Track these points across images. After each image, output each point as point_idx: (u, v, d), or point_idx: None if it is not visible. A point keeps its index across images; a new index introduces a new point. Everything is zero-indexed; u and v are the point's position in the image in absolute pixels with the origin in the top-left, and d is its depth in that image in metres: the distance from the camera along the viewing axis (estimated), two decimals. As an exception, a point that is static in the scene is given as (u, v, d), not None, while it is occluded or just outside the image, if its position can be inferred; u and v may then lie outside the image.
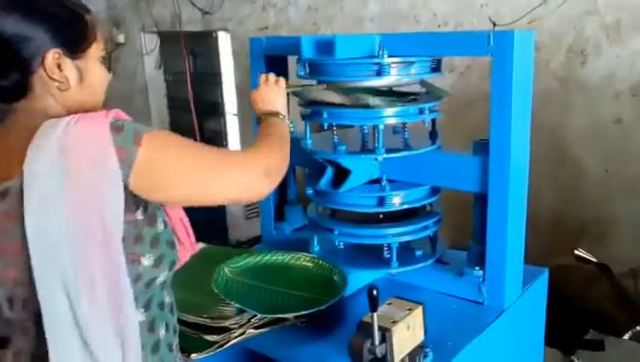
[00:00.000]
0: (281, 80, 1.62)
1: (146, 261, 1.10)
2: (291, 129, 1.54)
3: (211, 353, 1.42)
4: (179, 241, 1.21)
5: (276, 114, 1.53)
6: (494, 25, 3.24)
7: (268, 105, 1.56)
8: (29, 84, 1.12)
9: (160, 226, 1.14)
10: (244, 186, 1.19)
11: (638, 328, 2.55)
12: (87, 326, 1.04)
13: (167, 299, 1.22)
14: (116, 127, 1.05)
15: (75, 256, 1.02)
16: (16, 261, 1.04)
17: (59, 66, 1.12)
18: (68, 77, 1.13)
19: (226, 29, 4.86)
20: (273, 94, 1.58)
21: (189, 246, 1.25)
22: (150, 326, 1.16)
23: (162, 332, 1.19)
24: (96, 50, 1.19)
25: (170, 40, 5.42)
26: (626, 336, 2.54)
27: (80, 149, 1.03)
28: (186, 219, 1.26)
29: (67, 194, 1.01)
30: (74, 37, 1.15)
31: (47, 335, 1.03)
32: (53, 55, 1.10)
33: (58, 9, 1.14)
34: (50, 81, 1.12)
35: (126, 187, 1.04)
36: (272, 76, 1.61)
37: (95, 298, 1.04)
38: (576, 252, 2.91)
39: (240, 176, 1.19)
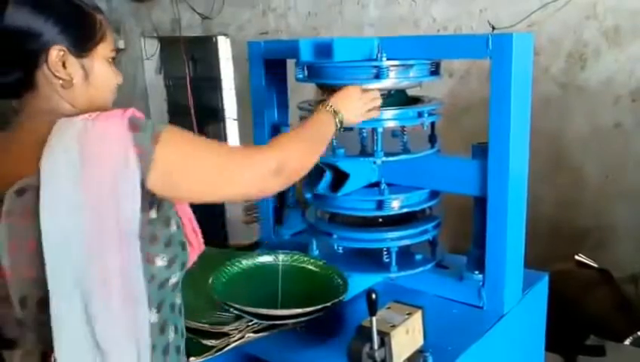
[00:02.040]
0: (377, 100, 1.59)
1: (160, 261, 1.10)
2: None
3: (210, 357, 1.42)
4: (188, 242, 1.20)
5: (336, 113, 1.49)
6: (493, 29, 3.24)
7: (339, 102, 1.51)
8: (33, 80, 1.11)
9: (174, 227, 1.14)
10: (253, 183, 1.20)
11: (638, 333, 2.54)
12: (99, 326, 1.03)
13: (178, 300, 1.22)
14: (134, 126, 1.04)
15: (89, 254, 1.01)
16: (34, 260, 1.02)
17: (63, 64, 1.11)
18: (72, 75, 1.12)
19: (225, 34, 4.86)
20: (356, 99, 1.55)
21: (197, 246, 1.24)
22: (162, 328, 1.15)
23: (172, 334, 1.18)
24: (103, 50, 1.18)
25: (170, 45, 5.42)
26: (627, 342, 2.53)
27: (98, 147, 1.02)
28: (193, 219, 1.25)
29: (84, 191, 1.01)
30: (81, 35, 1.14)
31: (55, 335, 1.01)
32: (57, 52, 1.10)
33: (67, 6, 1.13)
34: (54, 78, 1.11)
35: (143, 185, 1.04)
36: (374, 91, 1.60)
37: (109, 297, 1.03)
38: (576, 257, 2.90)
39: (250, 172, 1.19)
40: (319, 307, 1.47)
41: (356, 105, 1.54)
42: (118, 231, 1.02)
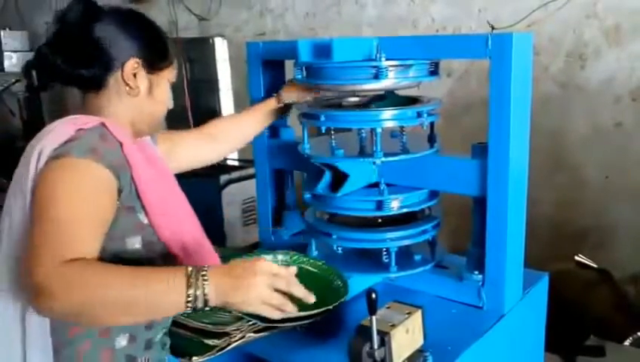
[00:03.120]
0: (292, 280, 1.20)
1: None
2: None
3: (212, 356, 1.41)
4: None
5: (198, 282, 1.06)
6: (493, 28, 3.24)
7: (222, 274, 1.10)
8: (104, 80, 1.29)
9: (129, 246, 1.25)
10: (24, 277, 1.04)
11: (639, 334, 2.54)
12: None
13: None
14: (72, 137, 1.17)
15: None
16: None
17: (135, 75, 1.30)
18: (139, 85, 1.31)
19: (222, 36, 4.86)
20: (261, 282, 1.13)
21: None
22: (103, 331, 1.23)
23: (122, 341, 1.26)
24: (169, 73, 1.39)
25: (167, 46, 5.41)
26: (627, 342, 2.52)
27: (36, 141, 1.20)
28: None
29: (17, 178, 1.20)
30: (155, 55, 1.34)
31: None
32: (133, 63, 1.29)
33: (151, 30, 1.36)
34: (124, 84, 1.29)
35: None
36: (286, 271, 1.21)
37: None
38: (576, 257, 2.90)
39: (28, 262, 1.03)
40: (321, 310, 1.45)
41: (258, 289, 1.13)
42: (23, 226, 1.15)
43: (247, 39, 4.41)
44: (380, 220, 1.78)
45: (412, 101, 1.77)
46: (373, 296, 1.26)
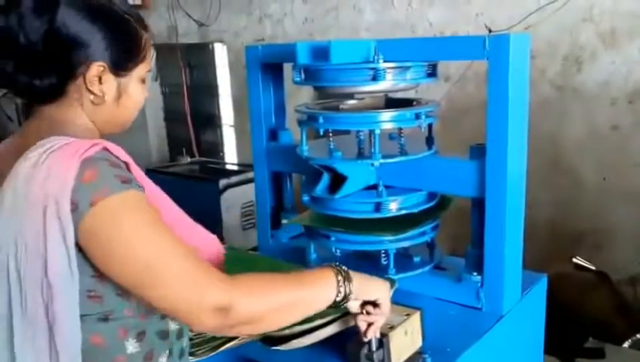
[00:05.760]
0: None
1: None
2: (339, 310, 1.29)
3: (205, 356, 1.40)
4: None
5: (345, 279, 1.22)
6: (490, 32, 3.26)
7: (358, 276, 1.25)
8: (63, 89, 1.07)
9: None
10: (185, 307, 1.02)
11: (637, 336, 2.55)
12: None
13: (173, 326, 1.17)
14: (83, 173, 0.97)
15: (15, 294, 0.99)
16: None
17: (99, 79, 1.08)
18: (105, 92, 1.09)
19: (222, 41, 4.88)
20: (384, 288, 1.30)
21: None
22: (146, 357, 1.12)
23: (163, 360, 1.15)
24: (141, 70, 1.15)
25: (166, 52, 5.43)
26: (626, 344, 2.53)
27: (38, 191, 0.96)
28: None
29: (20, 234, 0.97)
30: (125, 55, 1.10)
31: None
32: (97, 67, 1.06)
33: (119, 22, 1.09)
34: (87, 92, 1.08)
35: (78, 245, 0.98)
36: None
37: (34, 336, 1.00)
38: (574, 260, 2.91)
39: (187, 294, 1.01)
40: (322, 322, 1.44)
41: (380, 288, 1.30)
42: (46, 283, 0.97)
43: (246, 44, 4.43)
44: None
45: (409, 103, 1.78)
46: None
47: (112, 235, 0.98)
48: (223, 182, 4.05)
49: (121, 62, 1.10)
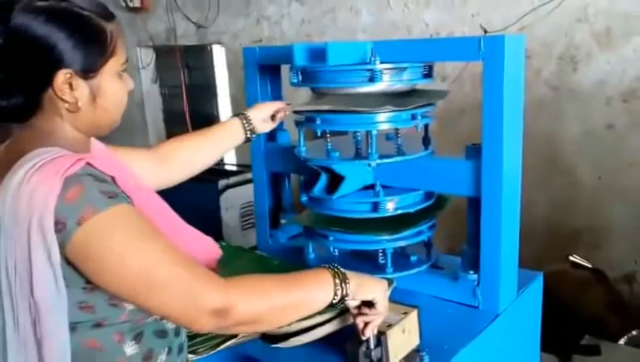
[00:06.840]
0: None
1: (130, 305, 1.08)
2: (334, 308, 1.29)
3: (205, 355, 1.42)
4: None
5: (342, 281, 1.23)
6: (485, 32, 3.28)
7: (355, 276, 1.26)
8: (38, 102, 1.04)
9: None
10: (184, 311, 1.03)
11: (633, 333, 2.56)
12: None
13: (170, 324, 1.18)
14: (65, 192, 0.95)
15: (3, 311, 1.00)
16: None
17: (70, 86, 1.03)
18: (78, 98, 1.05)
19: (220, 43, 4.89)
20: (380, 288, 1.31)
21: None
22: (145, 356, 1.13)
23: (163, 357, 1.16)
24: (114, 64, 1.09)
25: (165, 54, 5.44)
26: (622, 341, 2.55)
27: (25, 208, 0.94)
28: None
29: (7, 247, 0.97)
30: (90, 55, 1.04)
31: None
32: (64, 75, 1.02)
33: (81, 23, 1.03)
34: (60, 101, 1.04)
35: (67, 260, 0.98)
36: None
37: (26, 354, 1.00)
38: (571, 258, 2.93)
39: (183, 299, 1.02)
40: (322, 320, 1.45)
41: (377, 287, 1.31)
42: (33, 302, 0.97)
43: (244, 46, 4.44)
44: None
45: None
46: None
47: (103, 252, 0.98)
48: (222, 183, 4.07)
49: (88, 64, 1.04)
